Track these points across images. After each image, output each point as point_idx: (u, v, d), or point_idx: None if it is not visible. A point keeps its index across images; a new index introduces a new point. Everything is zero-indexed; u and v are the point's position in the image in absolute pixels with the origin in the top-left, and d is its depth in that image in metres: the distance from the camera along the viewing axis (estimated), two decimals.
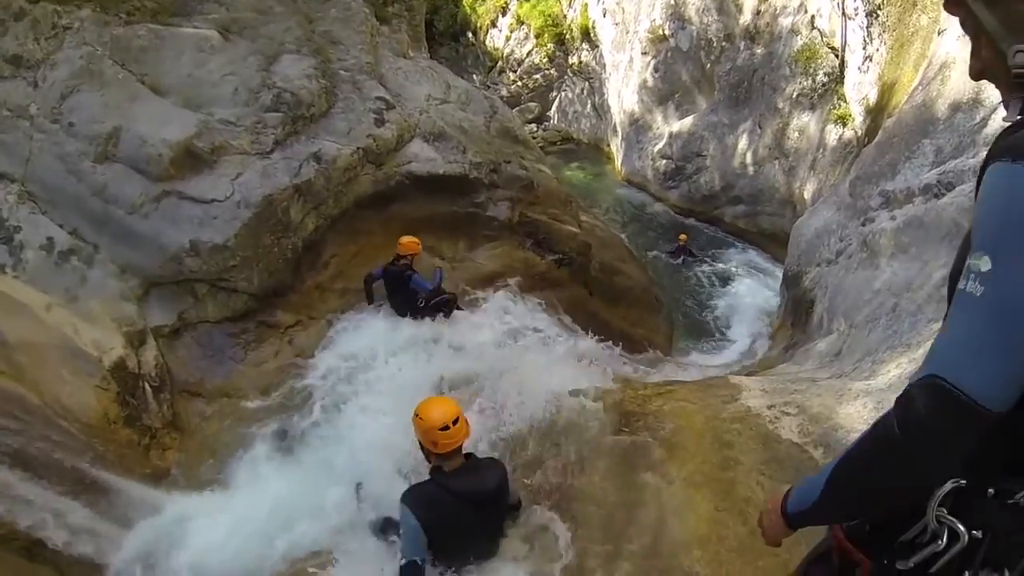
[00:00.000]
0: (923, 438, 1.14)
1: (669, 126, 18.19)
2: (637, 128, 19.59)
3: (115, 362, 5.99)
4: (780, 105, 14.12)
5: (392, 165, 8.67)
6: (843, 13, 11.65)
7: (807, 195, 12.99)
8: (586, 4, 22.76)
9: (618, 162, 21.02)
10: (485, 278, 8.99)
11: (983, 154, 4.73)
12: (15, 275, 6.32)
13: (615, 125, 21.35)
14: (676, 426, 4.48)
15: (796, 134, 13.79)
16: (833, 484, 1.37)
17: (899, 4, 9.92)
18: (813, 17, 13.04)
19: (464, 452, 3.72)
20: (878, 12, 10.49)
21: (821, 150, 12.62)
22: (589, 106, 23.59)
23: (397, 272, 7.60)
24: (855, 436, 3.37)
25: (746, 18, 15.15)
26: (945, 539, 1.26)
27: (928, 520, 1.28)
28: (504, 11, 26.24)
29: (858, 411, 4.08)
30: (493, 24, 26.86)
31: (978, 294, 1.09)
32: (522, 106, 25.20)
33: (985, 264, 1.08)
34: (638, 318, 9.43)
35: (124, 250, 6.85)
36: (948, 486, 1.26)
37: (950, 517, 1.26)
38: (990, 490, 1.26)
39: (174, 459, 6.16)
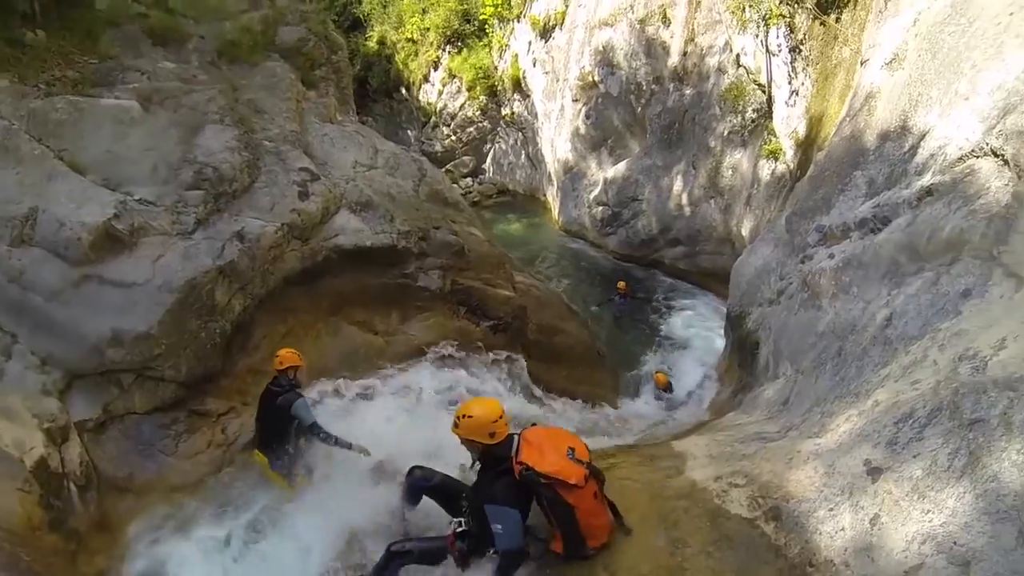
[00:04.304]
0: None
1: (604, 172, 18.10)
2: (572, 176, 19.50)
3: (37, 462, 5.46)
4: (712, 144, 14.10)
5: (319, 239, 8.29)
6: (767, 50, 11.71)
7: (745, 232, 12.89)
8: (516, 55, 22.83)
9: (555, 211, 20.89)
10: (418, 350, 8.64)
11: (916, 184, 4.47)
12: None
13: (550, 174, 21.28)
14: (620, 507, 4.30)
15: (730, 172, 13.76)
16: None
17: (820, 38, 10.01)
18: (739, 55, 13.10)
19: None
20: (800, 47, 10.58)
21: (755, 186, 12.54)
22: (523, 156, 23.51)
23: None
24: (806, 506, 2.96)
25: (674, 60, 15.18)
26: None
27: None
28: (436, 65, 26.21)
29: (809, 477, 3.88)
30: (426, 79, 26.79)
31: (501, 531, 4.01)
32: (457, 160, 25.09)
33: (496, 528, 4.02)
34: (581, 375, 9.13)
35: (44, 340, 6.39)
36: None
37: None
38: None
39: (103, 565, 5.60)
